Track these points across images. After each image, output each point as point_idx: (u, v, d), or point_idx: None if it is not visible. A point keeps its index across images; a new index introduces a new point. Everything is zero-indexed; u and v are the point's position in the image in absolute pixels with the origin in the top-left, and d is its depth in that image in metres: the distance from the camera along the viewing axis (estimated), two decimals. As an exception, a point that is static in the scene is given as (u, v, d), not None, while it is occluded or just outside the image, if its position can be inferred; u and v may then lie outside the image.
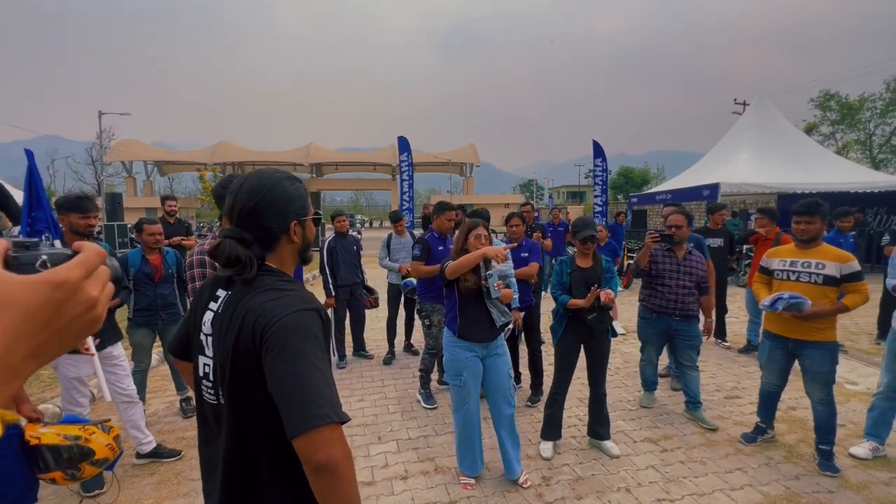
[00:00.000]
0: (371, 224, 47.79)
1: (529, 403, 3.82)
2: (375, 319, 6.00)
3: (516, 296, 3.66)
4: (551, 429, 3.11)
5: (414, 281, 4.34)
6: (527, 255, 3.93)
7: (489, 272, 2.54)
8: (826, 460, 2.82)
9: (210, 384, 1.05)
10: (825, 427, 2.87)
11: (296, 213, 1.06)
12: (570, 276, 3.09)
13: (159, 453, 2.94)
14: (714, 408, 3.74)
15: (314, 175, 44.30)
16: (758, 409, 3.22)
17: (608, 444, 3.06)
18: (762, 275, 3.15)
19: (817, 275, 2.85)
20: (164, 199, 5.81)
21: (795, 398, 3.73)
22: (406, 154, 10.71)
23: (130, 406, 2.86)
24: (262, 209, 1.01)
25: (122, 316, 3.20)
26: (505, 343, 2.78)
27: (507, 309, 2.69)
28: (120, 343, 2.85)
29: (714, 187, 10.75)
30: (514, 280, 3.69)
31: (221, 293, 1.06)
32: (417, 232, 6.38)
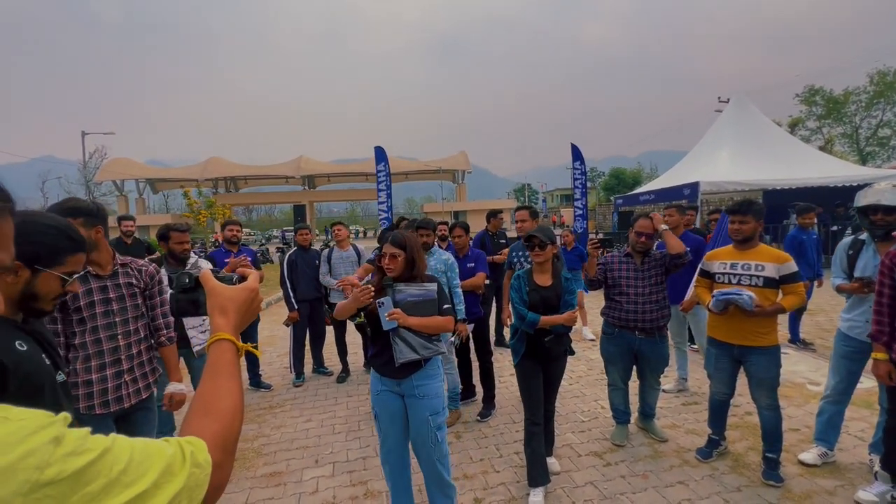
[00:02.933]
0: (365, 234, 47.72)
1: (479, 418, 3.71)
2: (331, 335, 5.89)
3: (461, 307, 3.58)
4: (539, 471, 2.65)
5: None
6: (473, 265, 3.85)
7: (381, 299, 2.10)
8: (771, 469, 2.71)
9: None
10: (772, 434, 2.76)
11: (30, 255, 1.09)
12: (529, 294, 2.76)
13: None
14: (669, 415, 3.64)
15: (306, 187, 44.30)
16: (708, 420, 3.08)
17: (549, 460, 2.93)
18: (703, 278, 3.06)
19: (758, 277, 2.77)
20: (120, 219, 5.72)
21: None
22: (383, 164, 10.66)
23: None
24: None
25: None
26: (434, 382, 2.23)
27: (424, 342, 2.16)
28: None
29: (694, 186, 10.71)
30: (459, 291, 3.61)
31: None
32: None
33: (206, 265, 3.53)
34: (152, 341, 2.23)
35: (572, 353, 2.93)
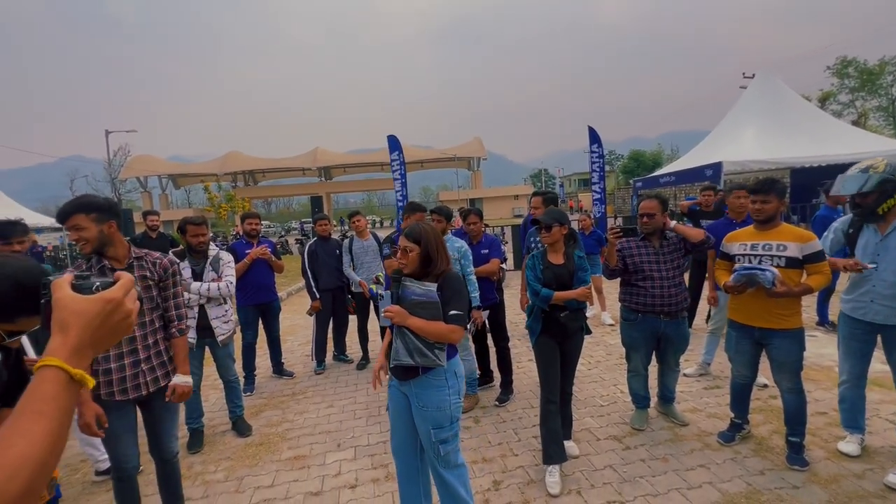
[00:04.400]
0: (381, 224, 48.01)
1: (497, 403, 3.73)
2: (353, 323, 5.98)
3: (476, 294, 3.58)
4: (554, 449, 2.64)
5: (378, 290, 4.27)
6: (487, 251, 3.84)
7: (383, 291, 2.01)
8: (795, 453, 2.66)
9: None
10: (795, 417, 2.71)
11: None
12: (543, 272, 2.82)
13: (117, 469, 2.96)
14: (690, 399, 3.60)
15: (323, 178, 44.70)
16: (730, 404, 3.03)
17: (568, 444, 2.94)
18: (723, 261, 2.99)
19: (780, 257, 2.68)
20: (145, 214, 5.90)
21: (777, 386, 3.55)
22: (397, 153, 10.65)
23: (84, 424, 2.88)
24: None
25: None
26: (437, 394, 2.01)
27: (423, 348, 1.95)
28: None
29: (716, 166, 10.39)
30: (473, 278, 3.61)
31: None
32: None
33: (227, 257, 3.62)
34: (165, 333, 2.29)
35: (588, 331, 2.94)
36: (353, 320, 5.05)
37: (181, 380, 2.29)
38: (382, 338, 2.32)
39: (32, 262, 1.14)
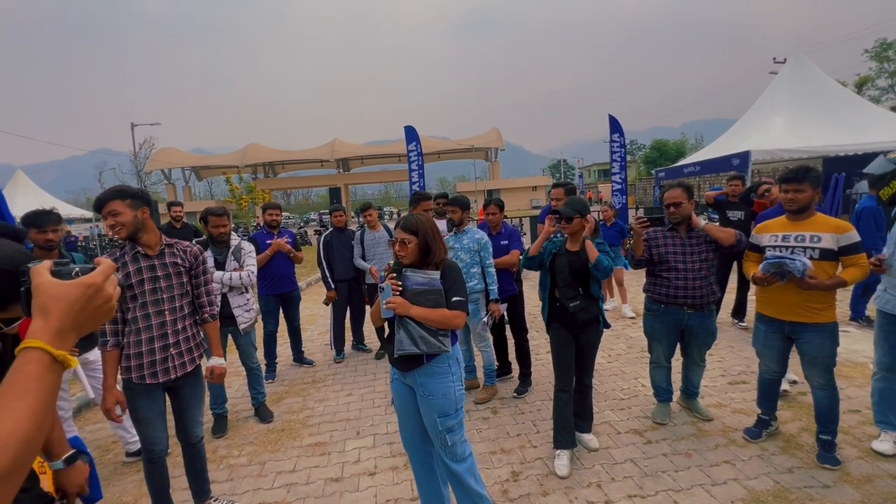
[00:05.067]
0: (399, 215, 48.18)
1: (516, 394, 3.72)
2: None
3: (494, 286, 3.56)
4: (563, 435, 2.71)
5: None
6: (506, 242, 3.79)
7: (382, 284, 1.97)
8: (826, 451, 2.57)
9: None
10: (826, 415, 2.62)
11: None
12: (556, 258, 2.82)
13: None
14: (714, 395, 3.51)
15: (341, 170, 45.01)
16: (758, 399, 2.94)
17: (587, 437, 2.92)
18: (752, 252, 2.88)
19: (813, 249, 2.57)
20: (170, 205, 6.04)
21: (807, 382, 3.44)
22: (414, 144, 10.62)
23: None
24: None
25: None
26: (442, 382, 2.00)
27: (427, 335, 1.94)
28: (97, 349, 2.98)
29: (744, 156, 10.03)
30: (493, 270, 3.59)
31: None
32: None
33: (248, 247, 3.67)
34: (196, 318, 2.36)
35: (607, 325, 2.89)
36: (369, 311, 5.09)
37: (217, 361, 2.37)
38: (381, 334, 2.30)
39: (14, 248, 1.09)
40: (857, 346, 4.22)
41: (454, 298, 1.98)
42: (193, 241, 3.27)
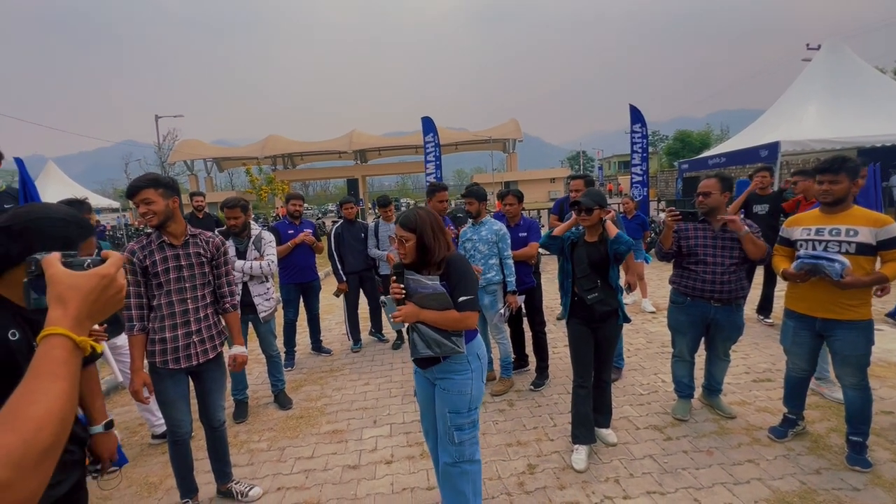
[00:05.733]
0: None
1: (533, 387, 3.69)
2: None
3: (512, 278, 3.53)
4: (582, 430, 2.70)
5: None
6: (525, 234, 3.75)
7: (384, 298, 1.98)
8: (857, 453, 2.48)
9: None
10: (858, 415, 2.52)
11: (49, 248, 1.08)
12: (575, 248, 2.80)
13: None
14: (737, 392, 3.42)
15: (358, 161, 45.20)
16: (784, 398, 2.84)
17: (605, 431, 2.88)
18: (782, 246, 2.78)
19: (849, 243, 2.46)
20: (192, 195, 6.16)
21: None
22: (431, 135, 10.57)
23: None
24: (14, 232, 1.06)
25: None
26: (458, 378, 1.97)
27: (440, 338, 1.91)
28: (124, 333, 3.07)
29: (773, 147, 9.66)
30: (510, 262, 3.56)
31: None
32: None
33: (268, 237, 3.72)
34: (217, 307, 2.42)
35: (627, 319, 2.83)
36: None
37: (238, 350, 2.43)
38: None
39: (74, 218, 1.18)
40: (891, 346, 4.05)
41: (461, 299, 1.88)
42: (216, 231, 3.33)
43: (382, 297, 1.96)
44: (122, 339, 3.04)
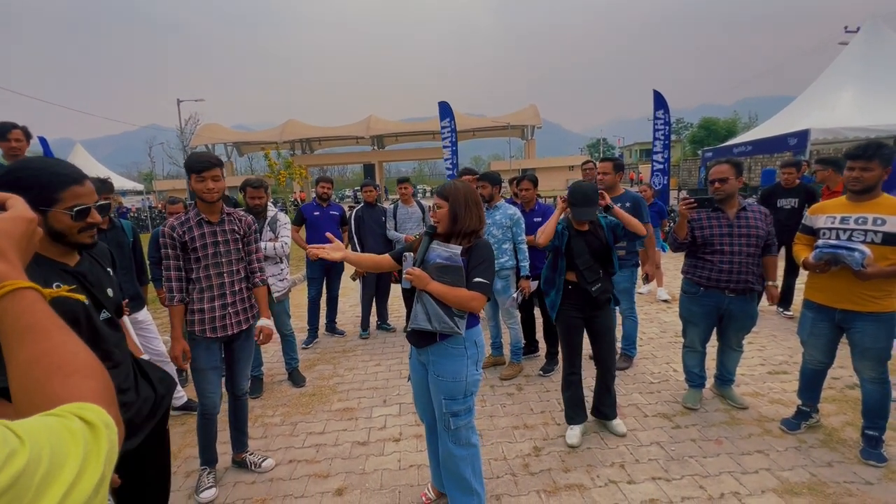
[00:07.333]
0: (431, 193, 48.15)
1: (542, 373, 3.70)
2: (395, 291, 6.10)
3: (525, 263, 3.52)
4: (576, 411, 2.79)
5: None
6: (540, 220, 3.71)
7: (407, 253, 1.99)
8: (871, 447, 2.43)
9: None
10: (876, 409, 2.46)
11: (28, 200, 1.21)
12: (572, 240, 2.73)
13: (190, 407, 3.30)
14: (751, 383, 3.37)
15: (375, 147, 45.23)
16: (799, 390, 2.79)
17: (615, 422, 2.83)
18: (804, 235, 2.69)
19: (875, 232, 2.36)
20: (211, 177, 6.27)
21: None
22: (448, 119, 10.48)
23: (162, 364, 3.20)
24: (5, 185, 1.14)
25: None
26: (453, 364, 1.93)
27: (442, 313, 1.85)
28: (145, 308, 3.19)
29: (802, 135, 9.29)
30: (524, 247, 3.55)
31: None
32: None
33: (284, 219, 3.78)
34: (248, 283, 2.53)
35: (617, 302, 2.86)
36: (395, 289, 5.16)
37: (265, 322, 2.54)
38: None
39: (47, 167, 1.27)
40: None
41: (476, 279, 1.85)
42: None
43: (405, 253, 2.00)
44: (143, 314, 3.16)
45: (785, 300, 4.87)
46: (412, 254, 1.99)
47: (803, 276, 4.24)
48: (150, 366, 1.61)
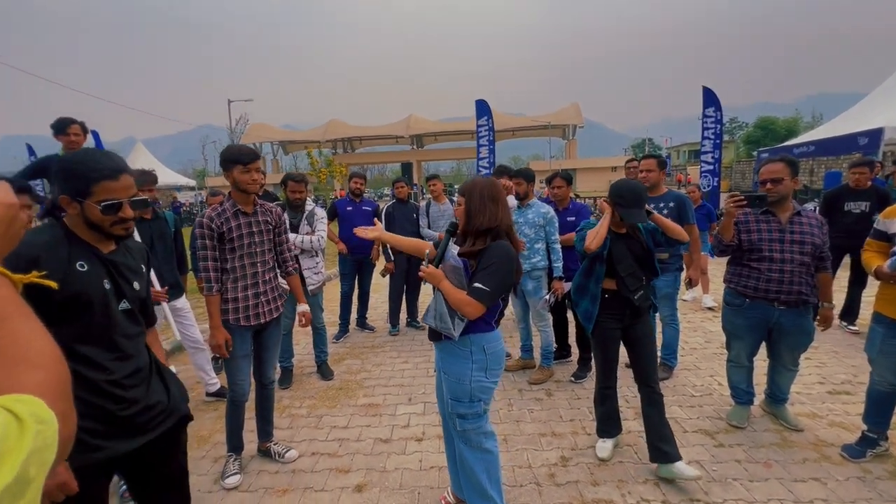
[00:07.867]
0: (467, 193, 47.99)
1: (573, 379, 3.55)
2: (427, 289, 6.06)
3: (559, 263, 3.40)
4: (609, 425, 2.61)
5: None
6: (573, 219, 3.57)
7: (427, 251, 1.98)
8: (952, 485, 2.14)
9: None
10: (958, 442, 2.16)
11: (68, 190, 1.27)
12: (612, 245, 2.45)
13: (222, 394, 3.39)
14: (807, 403, 3.07)
15: (414, 146, 45.68)
16: (865, 413, 2.50)
17: (679, 465, 2.28)
18: (876, 240, 2.41)
19: (962, 239, 2.08)
20: (253, 173, 6.49)
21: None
22: (486, 118, 10.35)
23: (197, 351, 3.33)
24: (51, 176, 1.23)
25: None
26: (459, 364, 1.87)
27: (444, 313, 1.81)
28: (184, 296, 3.31)
29: (875, 134, 8.49)
30: (558, 246, 3.42)
31: None
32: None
33: (321, 213, 3.83)
34: (279, 272, 2.60)
35: (656, 309, 2.65)
36: (427, 287, 5.11)
37: (303, 308, 2.65)
38: None
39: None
40: None
41: (475, 284, 1.75)
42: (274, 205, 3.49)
43: (429, 249, 2.01)
44: (182, 302, 3.28)
45: (850, 313, 4.44)
46: (429, 251, 1.96)
47: (871, 287, 3.81)
48: (171, 376, 1.59)
